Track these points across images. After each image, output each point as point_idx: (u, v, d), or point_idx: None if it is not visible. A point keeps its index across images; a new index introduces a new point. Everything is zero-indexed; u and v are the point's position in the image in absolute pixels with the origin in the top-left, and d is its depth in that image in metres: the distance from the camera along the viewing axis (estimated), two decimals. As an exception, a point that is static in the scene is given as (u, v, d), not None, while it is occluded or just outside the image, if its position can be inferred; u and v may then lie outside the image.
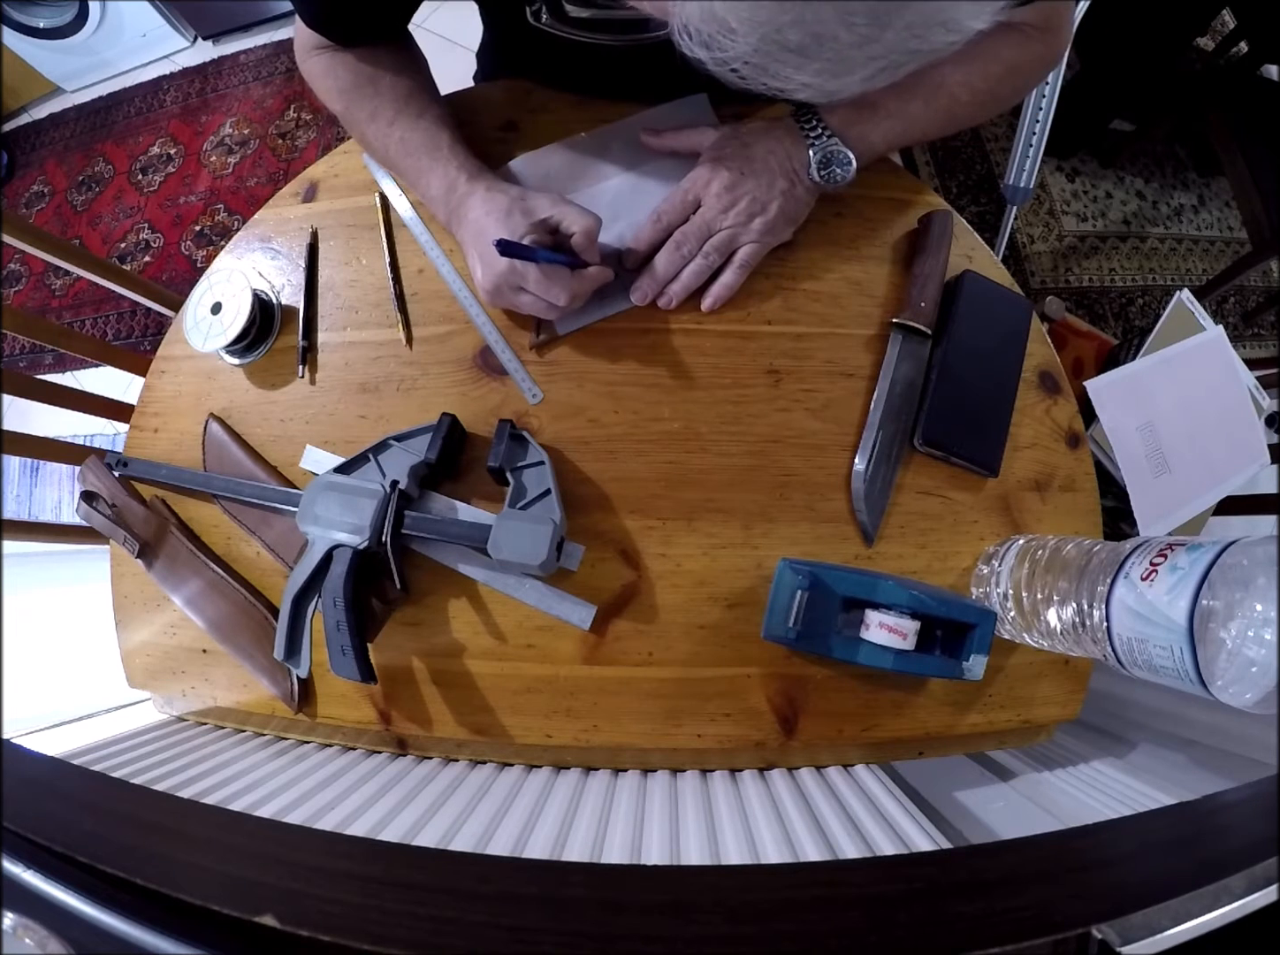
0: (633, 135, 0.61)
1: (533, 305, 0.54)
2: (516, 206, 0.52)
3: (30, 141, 1.89)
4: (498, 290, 0.53)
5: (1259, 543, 0.37)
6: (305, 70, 0.59)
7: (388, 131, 0.56)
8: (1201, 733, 0.57)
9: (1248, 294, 1.55)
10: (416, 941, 0.22)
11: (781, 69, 0.28)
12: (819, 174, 0.55)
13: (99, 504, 0.60)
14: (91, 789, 0.33)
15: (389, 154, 0.57)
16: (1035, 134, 0.98)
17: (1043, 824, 0.50)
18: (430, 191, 0.56)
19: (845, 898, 0.26)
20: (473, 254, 0.54)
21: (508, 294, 0.53)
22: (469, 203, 0.53)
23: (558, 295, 0.51)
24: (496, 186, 0.53)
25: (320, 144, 1.69)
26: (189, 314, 0.60)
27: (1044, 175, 1.57)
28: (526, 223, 0.51)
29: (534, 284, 0.51)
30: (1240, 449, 0.78)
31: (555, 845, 0.45)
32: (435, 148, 0.55)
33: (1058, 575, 0.48)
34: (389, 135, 0.56)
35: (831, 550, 0.57)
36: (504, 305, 0.56)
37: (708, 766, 0.57)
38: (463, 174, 0.54)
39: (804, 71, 0.28)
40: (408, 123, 0.55)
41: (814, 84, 0.29)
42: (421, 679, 0.57)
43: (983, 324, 0.59)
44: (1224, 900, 0.23)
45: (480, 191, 0.53)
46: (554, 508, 0.53)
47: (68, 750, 0.53)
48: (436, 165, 0.54)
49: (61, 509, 1.54)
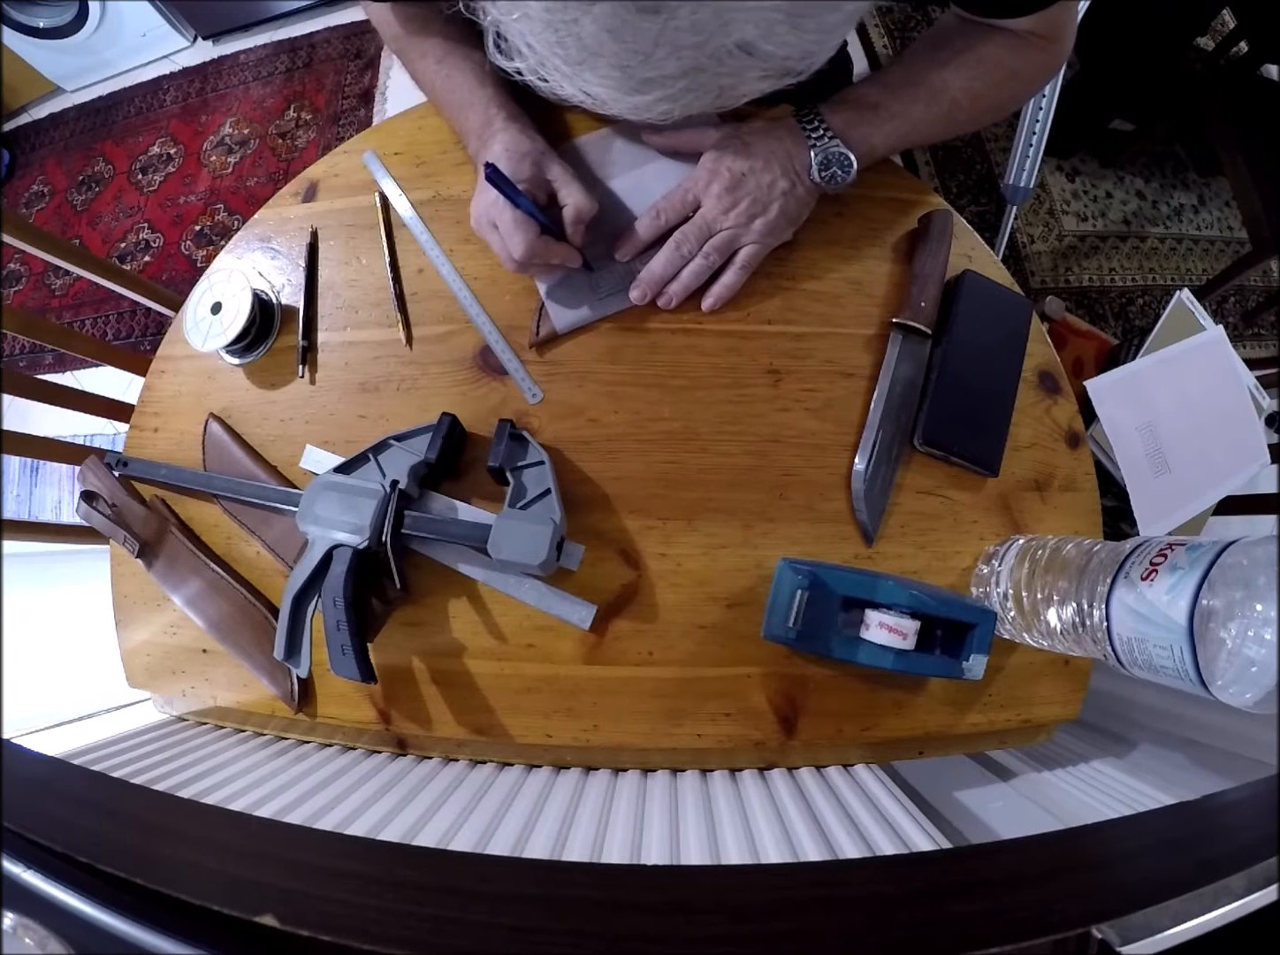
0: (634, 134, 0.61)
1: (498, 247, 0.55)
2: (533, 156, 0.54)
3: (30, 141, 1.89)
4: (479, 219, 0.55)
5: (1259, 543, 0.37)
6: (366, 13, 0.62)
7: (436, 69, 0.58)
8: (1201, 732, 0.57)
9: (1248, 294, 1.55)
10: (416, 941, 0.22)
11: (575, 78, 0.30)
12: (820, 175, 0.55)
13: (99, 504, 0.60)
14: (91, 789, 0.33)
15: (435, 88, 0.59)
16: (1035, 134, 0.98)
17: (1043, 824, 0.50)
18: (469, 124, 0.57)
19: (845, 898, 0.26)
20: (480, 180, 0.55)
21: (484, 226, 0.55)
22: (499, 137, 0.55)
23: (515, 246, 0.52)
24: (528, 132, 0.55)
25: (320, 144, 1.69)
26: (189, 314, 0.60)
27: (1044, 175, 1.57)
28: (533, 173, 0.53)
29: (503, 225, 0.53)
30: (1240, 449, 0.78)
31: (555, 845, 0.45)
32: (480, 84, 0.57)
33: (1058, 575, 0.48)
34: (437, 72, 0.58)
35: (831, 550, 0.57)
36: (481, 235, 0.57)
37: (708, 766, 0.57)
38: (501, 113, 0.56)
39: (597, 85, 0.30)
40: (455, 61, 0.58)
41: (612, 98, 0.30)
42: (421, 679, 0.57)
43: (983, 324, 0.59)
44: (1224, 900, 0.23)
45: (513, 130, 0.55)
46: (554, 508, 0.53)
47: (68, 750, 0.53)
48: (478, 102, 0.56)
49: (61, 509, 1.54)
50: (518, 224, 0.52)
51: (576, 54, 0.28)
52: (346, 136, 0.64)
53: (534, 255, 0.53)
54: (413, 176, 0.63)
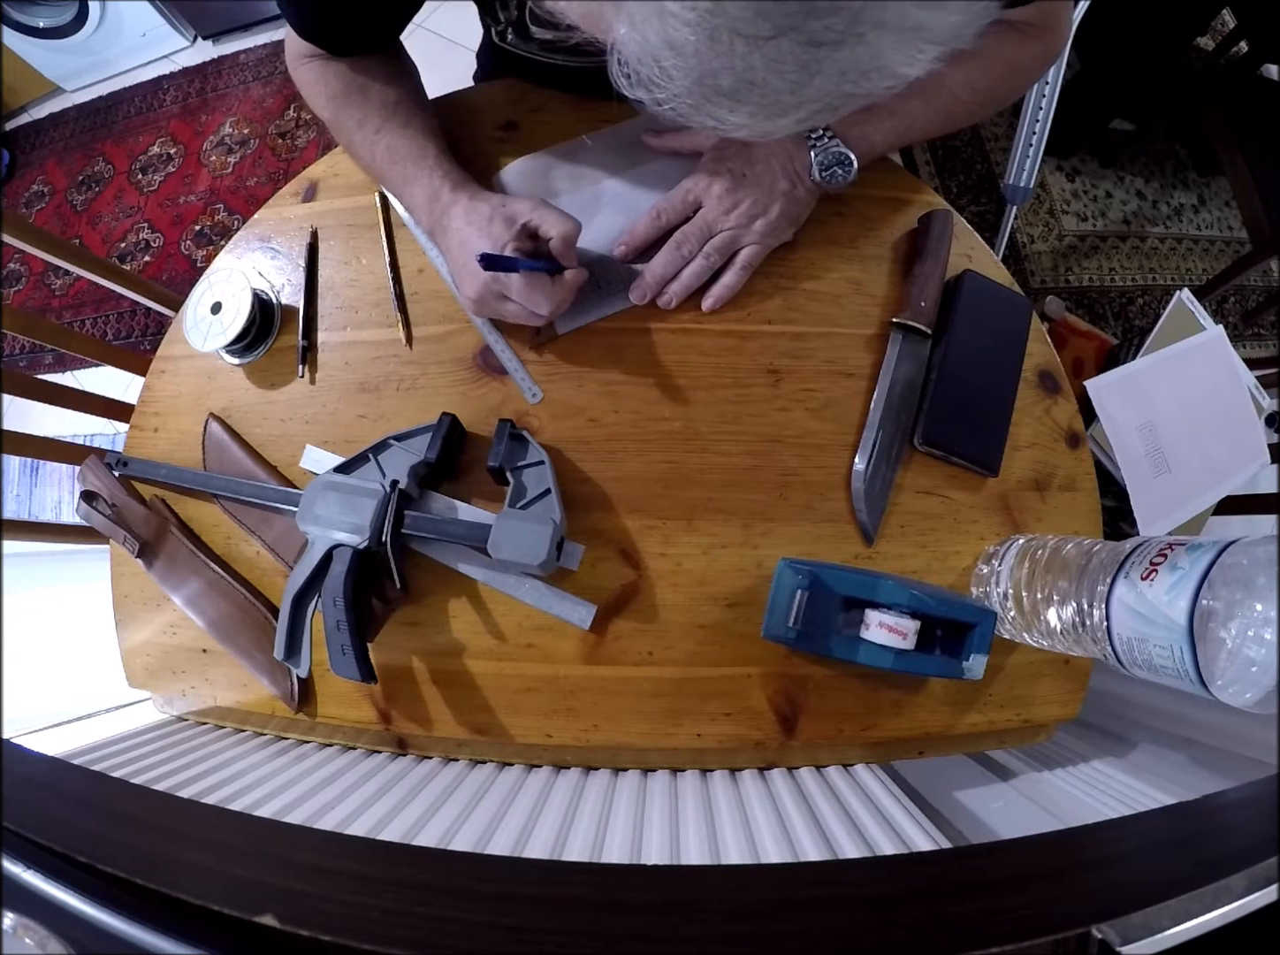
0: (634, 135, 0.61)
1: (517, 314, 0.54)
2: (498, 214, 0.51)
3: (30, 141, 1.89)
4: (482, 301, 0.53)
5: (1259, 543, 0.37)
6: (296, 77, 0.59)
7: (374, 139, 0.56)
8: (1201, 732, 0.57)
9: (1248, 293, 1.55)
10: (416, 941, 0.22)
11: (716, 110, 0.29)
12: (820, 175, 0.55)
13: (99, 504, 0.60)
14: (91, 789, 0.33)
15: (375, 161, 0.57)
16: (1035, 133, 0.98)
17: (1043, 823, 0.50)
18: (414, 200, 0.56)
19: (845, 897, 0.26)
20: (457, 265, 0.54)
21: (492, 303, 0.53)
22: (452, 212, 0.53)
23: (539, 304, 0.51)
24: (479, 196, 0.53)
25: (320, 143, 1.69)
26: (189, 313, 0.60)
27: (1044, 175, 1.57)
28: (508, 230, 0.51)
29: (517, 293, 0.51)
30: (1240, 449, 0.78)
31: (555, 845, 0.45)
32: (421, 156, 0.55)
33: (1058, 575, 0.48)
34: (375, 143, 0.56)
35: (831, 550, 0.57)
36: (489, 315, 0.56)
37: (708, 766, 0.57)
38: (446, 183, 0.54)
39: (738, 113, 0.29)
40: (394, 130, 0.55)
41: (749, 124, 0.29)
42: (421, 679, 0.57)
43: (983, 324, 0.59)
44: (1224, 900, 0.23)
45: (464, 201, 0.53)
46: (554, 507, 0.53)
47: (68, 750, 0.53)
48: (421, 174, 0.54)
49: (61, 509, 1.54)
50: (530, 286, 0.51)
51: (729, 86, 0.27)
52: (346, 136, 0.63)
53: (559, 303, 0.52)
54: (413, 176, 0.63)
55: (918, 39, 0.26)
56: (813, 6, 0.24)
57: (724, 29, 0.24)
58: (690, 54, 0.26)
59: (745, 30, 0.24)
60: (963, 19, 0.26)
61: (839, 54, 0.25)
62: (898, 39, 0.26)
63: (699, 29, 0.25)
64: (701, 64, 0.26)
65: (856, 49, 0.25)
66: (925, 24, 0.25)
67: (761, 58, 0.25)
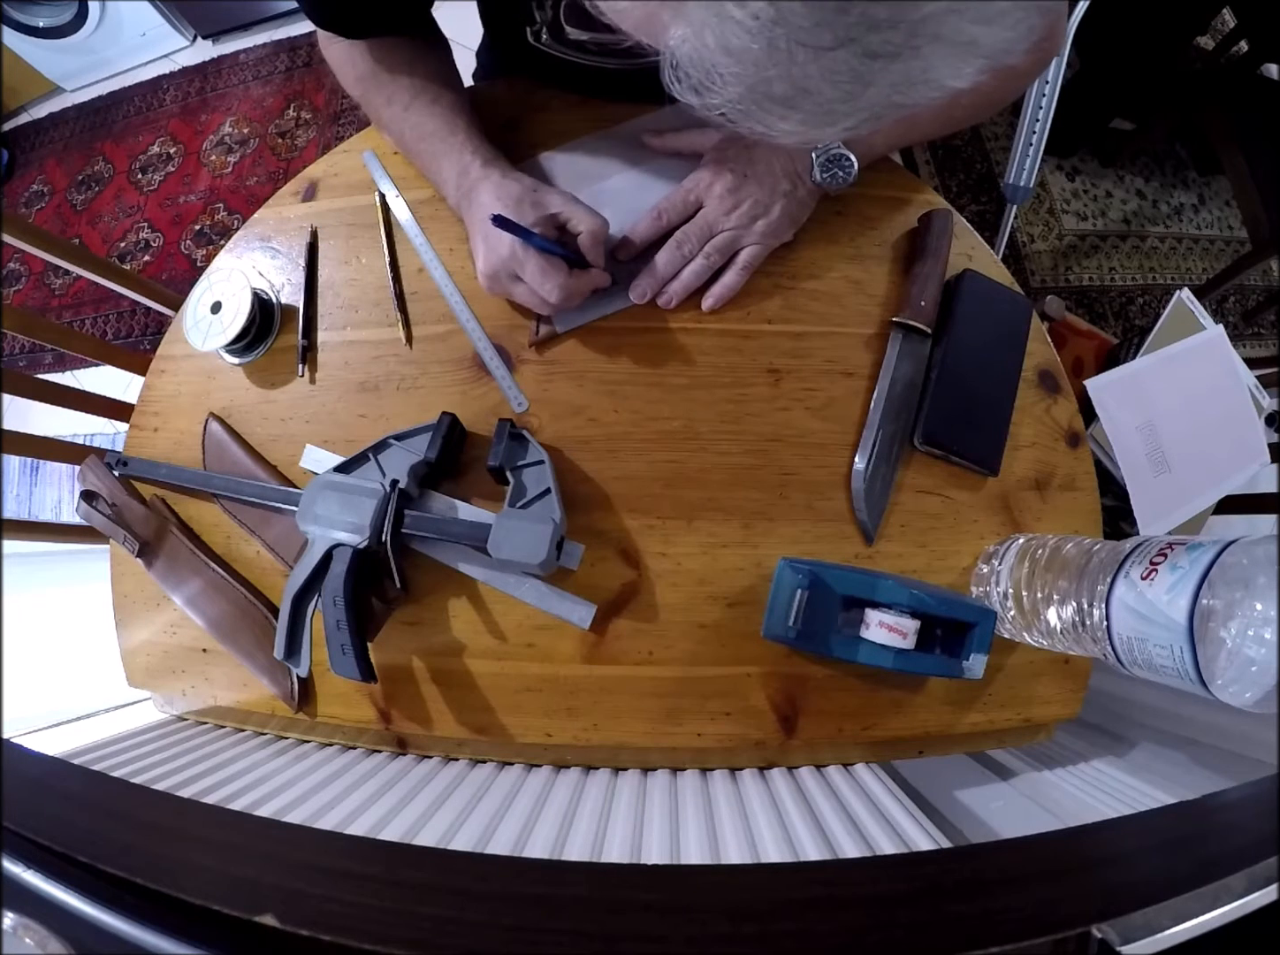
0: (636, 135, 0.61)
1: (527, 297, 0.53)
2: (528, 197, 0.52)
3: (30, 141, 1.89)
4: (495, 275, 0.53)
5: (1259, 542, 0.37)
6: (326, 55, 0.59)
7: (403, 116, 0.56)
8: (1201, 732, 0.57)
9: (1248, 293, 1.55)
10: (416, 941, 0.22)
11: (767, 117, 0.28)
12: (821, 176, 0.55)
13: (99, 503, 0.60)
14: (91, 789, 0.33)
15: (404, 138, 0.57)
16: (1035, 133, 0.97)
17: (1043, 823, 0.50)
18: (443, 174, 0.56)
19: (845, 897, 0.26)
20: (478, 237, 0.54)
21: (504, 281, 0.53)
22: (482, 187, 0.53)
23: (551, 291, 0.51)
24: (511, 174, 0.54)
25: (320, 143, 1.69)
26: (189, 313, 0.60)
27: (1044, 174, 1.57)
28: (536, 214, 0.51)
29: (530, 274, 0.51)
30: (1240, 448, 0.78)
31: (555, 844, 0.45)
32: (450, 132, 0.55)
33: (1058, 574, 0.48)
34: (404, 120, 0.56)
35: (831, 549, 0.57)
36: (499, 292, 0.55)
37: (708, 765, 0.57)
38: (476, 159, 0.54)
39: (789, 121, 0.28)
40: (422, 108, 0.55)
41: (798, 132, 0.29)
42: (421, 678, 0.57)
43: (983, 323, 0.59)
44: (1224, 899, 0.23)
45: (495, 177, 0.53)
46: (554, 507, 0.53)
47: (68, 750, 0.53)
48: (451, 150, 0.55)
49: (61, 508, 1.54)
50: (546, 269, 0.50)
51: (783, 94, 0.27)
52: (346, 135, 0.63)
53: (572, 295, 0.52)
54: (411, 175, 0.63)
55: (969, 54, 0.26)
56: (874, 20, 0.24)
57: (784, 38, 0.24)
58: (748, 61, 0.26)
59: (806, 40, 0.24)
60: (1013, 35, 0.26)
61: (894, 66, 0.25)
62: (950, 53, 0.26)
63: (759, 36, 0.24)
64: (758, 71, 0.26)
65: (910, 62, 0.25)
66: (978, 39, 0.26)
67: (819, 68, 0.25)
